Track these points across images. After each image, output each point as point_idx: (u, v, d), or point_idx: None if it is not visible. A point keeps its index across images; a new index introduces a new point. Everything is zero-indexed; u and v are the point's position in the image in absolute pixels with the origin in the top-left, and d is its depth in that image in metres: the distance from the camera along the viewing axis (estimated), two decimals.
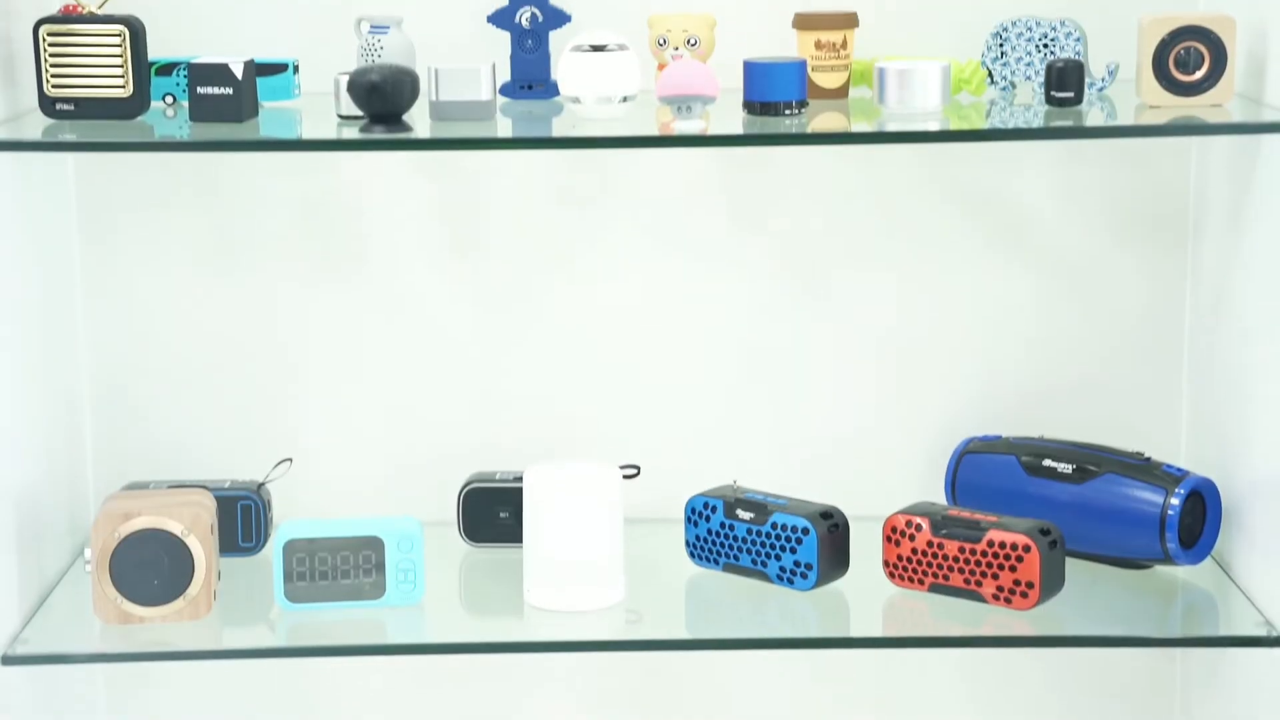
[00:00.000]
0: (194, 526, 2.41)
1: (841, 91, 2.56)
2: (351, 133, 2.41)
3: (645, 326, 2.77)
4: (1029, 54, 2.53)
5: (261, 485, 2.63)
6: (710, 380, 2.78)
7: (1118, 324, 2.75)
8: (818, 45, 2.54)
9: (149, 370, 2.76)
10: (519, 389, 2.78)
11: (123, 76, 2.41)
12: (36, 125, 2.42)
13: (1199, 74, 2.41)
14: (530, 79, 2.57)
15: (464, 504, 2.67)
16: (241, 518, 2.61)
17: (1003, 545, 2.43)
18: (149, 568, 2.40)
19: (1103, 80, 2.52)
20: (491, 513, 2.67)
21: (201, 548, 2.42)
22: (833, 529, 2.51)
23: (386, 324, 2.76)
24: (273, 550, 2.48)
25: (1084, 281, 2.75)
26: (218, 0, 2.65)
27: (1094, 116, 2.46)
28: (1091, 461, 2.56)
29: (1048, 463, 2.58)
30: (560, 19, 2.56)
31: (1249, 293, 2.50)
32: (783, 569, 2.52)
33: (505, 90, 2.57)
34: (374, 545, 2.48)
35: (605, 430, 2.77)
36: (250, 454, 2.73)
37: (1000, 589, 2.43)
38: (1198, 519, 2.52)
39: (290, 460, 2.67)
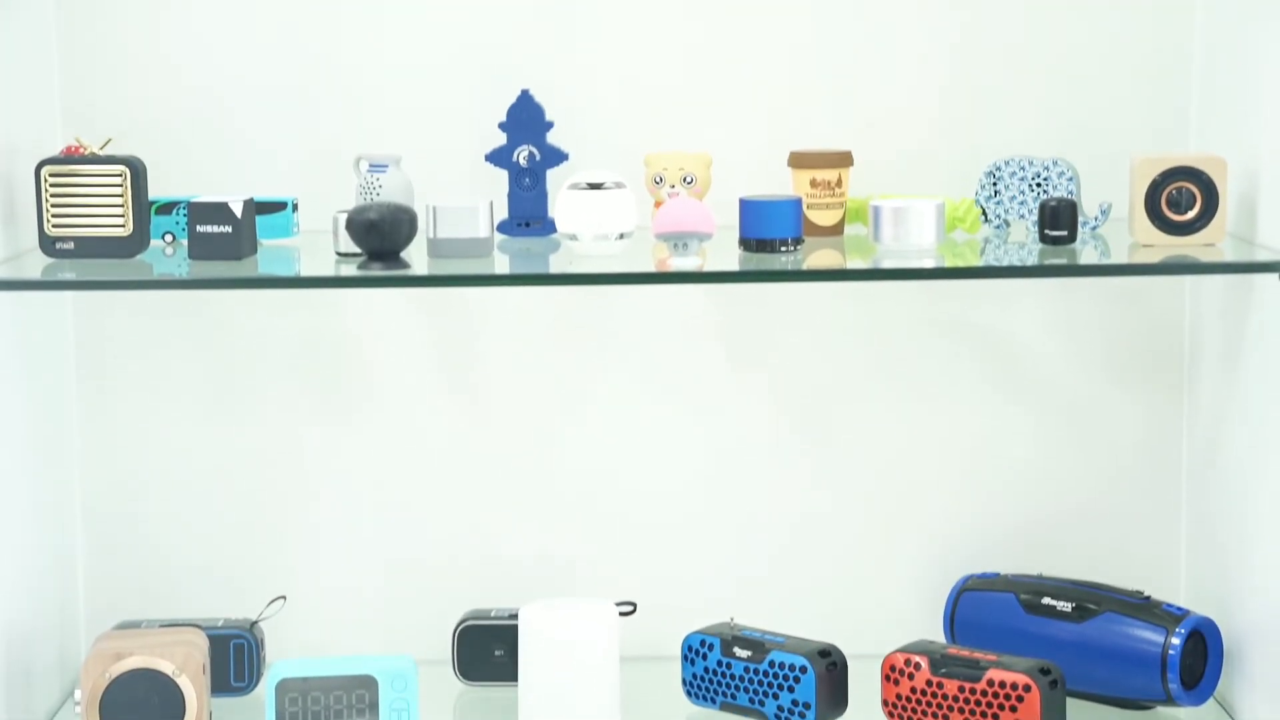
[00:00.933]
0: (186, 666, 2.39)
1: (837, 229, 2.58)
2: (350, 270, 2.42)
3: (641, 463, 2.77)
4: (1022, 193, 2.55)
5: (254, 624, 2.62)
6: (707, 517, 2.77)
7: (1115, 460, 2.75)
8: (813, 183, 2.56)
9: (143, 507, 2.75)
10: (514, 526, 2.77)
11: (123, 216, 2.42)
12: (36, 264, 2.43)
13: (1191, 214, 2.43)
14: (528, 216, 2.59)
15: (459, 642, 2.65)
16: (234, 657, 2.59)
17: (1003, 685, 2.41)
18: (140, 709, 2.38)
19: (1096, 219, 2.54)
20: (487, 651, 2.65)
21: (193, 687, 2.39)
22: (831, 667, 2.49)
23: (382, 461, 2.76)
24: (265, 690, 2.46)
25: (1081, 417, 2.75)
26: (218, 139, 2.67)
27: (1088, 255, 2.48)
28: (1091, 600, 2.54)
29: (1047, 601, 2.57)
30: (558, 157, 2.58)
31: (1245, 429, 2.50)
32: (781, 708, 2.50)
33: (503, 227, 2.59)
34: (367, 684, 2.46)
35: (601, 567, 2.76)
36: (244, 591, 2.71)
37: None
38: (1199, 659, 2.51)
39: (284, 598, 2.66)
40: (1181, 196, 2.42)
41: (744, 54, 2.69)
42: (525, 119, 2.58)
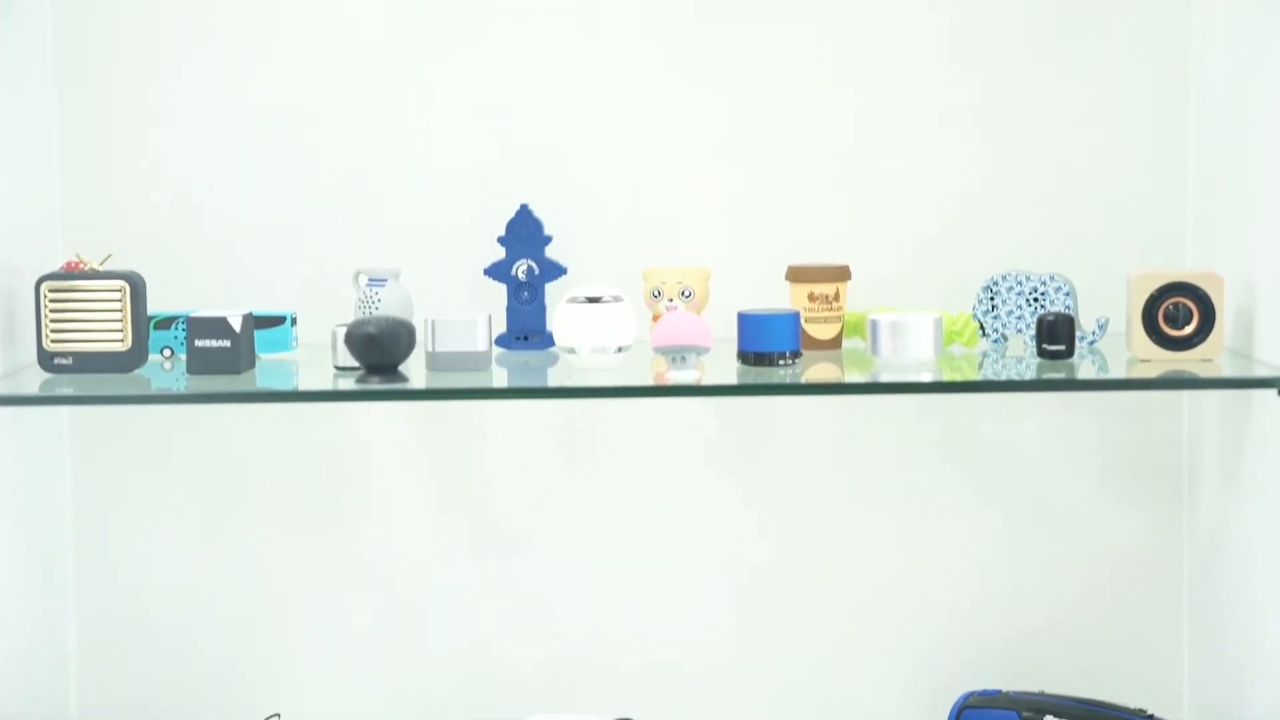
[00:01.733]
0: None
1: (835, 342, 2.58)
2: (348, 384, 2.42)
3: (640, 576, 2.75)
4: (1020, 307, 2.55)
5: None
6: (706, 631, 2.76)
7: (1116, 574, 2.74)
8: (811, 297, 2.56)
9: (138, 624, 2.74)
10: (512, 642, 2.75)
11: (121, 331, 2.43)
12: (34, 380, 2.43)
13: (1188, 329, 2.43)
14: (526, 330, 2.60)
15: None
16: None
17: None
18: None
19: (1093, 334, 2.54)
20: None
21: None
22: None
23: (378, 574, 2.75)
24: None
25: (1081, 531, 2.74)
26: (218, 254, 2.69)
27: (1086, 370, 2.48)
28: (1093, 719, 2.52)
29: (1049, 719, 2.55)
30: (556, 271, 2.59)
31: (1246, 544, 2.49)
32: None
33: (501, 341, 2.59)
34: None
35: (600, 683, 2.74)
36: (239, 704, 2.69)
37: None
38: None
39: (279, 716, 2.64)
40: (1179, 312, 2.42)
41: (742, 169, 2.70)
42: (524, 233, 2.59)
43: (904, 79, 2.69)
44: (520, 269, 2.59)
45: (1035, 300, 2.55)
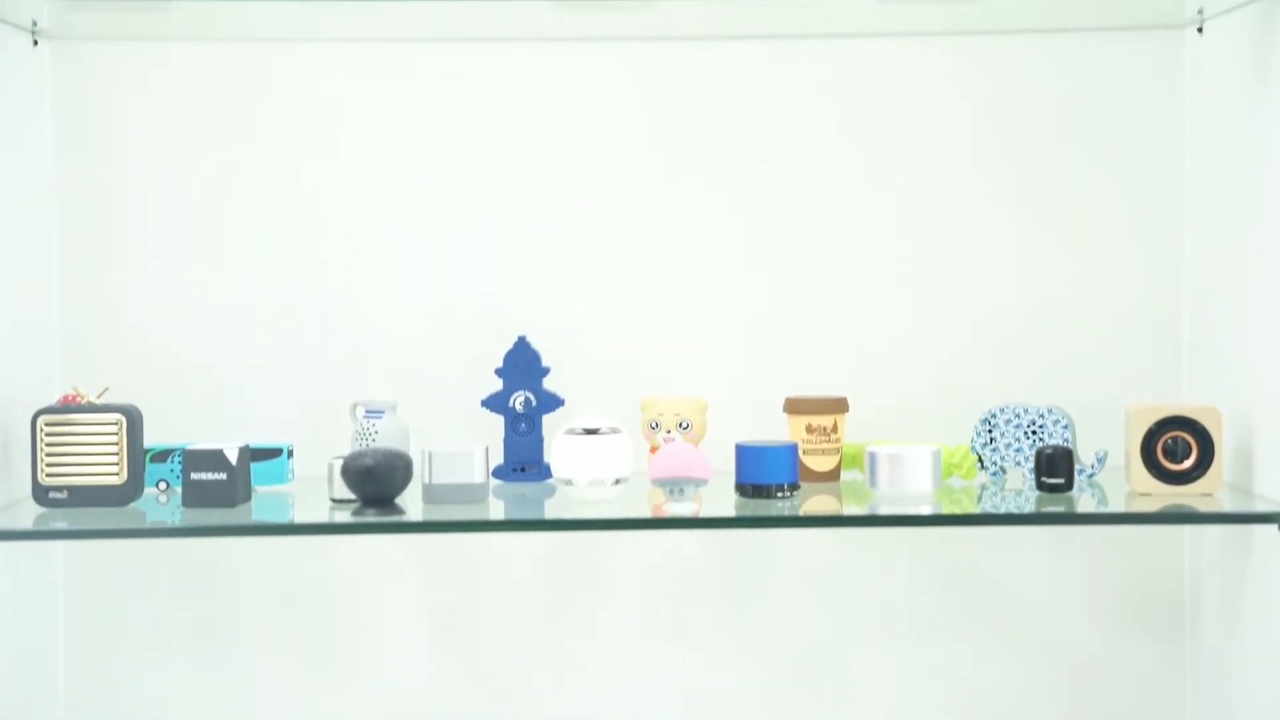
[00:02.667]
0: None
1: (833, 474, 2.57)
2: (344, 516, 2.41)
3: (638, 709, 2.73)
4: (1018, 440, 2.55)
5: None
6: None
7: (1117, 709, 2.71)
8: (809, 429, 2.56)
9: None
10: None
11: (117, 464, 2.42)
12: (28, 514, 2.42)
13: (1187, 463, 2.42)
14: (523, 461, 2.59)
15: None
16: None
17: None
18: None
19: (1092, 467, 2.54)
20: None
21: None
22: None
23: (374, 708, 2.72)
24: None
25: (1082, 668, 2.72)
26: (216, 385, 2.69)
27: (1085, 503, 2.47)
28: None
29: None
30: (554, 403, 2.59)
31: (1249, 679, 2.47)
32: None
33: (498, 473, 2.58)
34: None
35: None
36: None
37: None
38: None
39: None
40: (1177, 446, 2.42)
41: (739, 301, 2.71)
42: (522, 365, 2.59)
43: (901, 215, 2.71)
44: (518, 400, 2.59)
45: (1033, 433, 2.54)
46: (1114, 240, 2.70)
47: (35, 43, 2.64)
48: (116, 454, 2.42)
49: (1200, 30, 2.63)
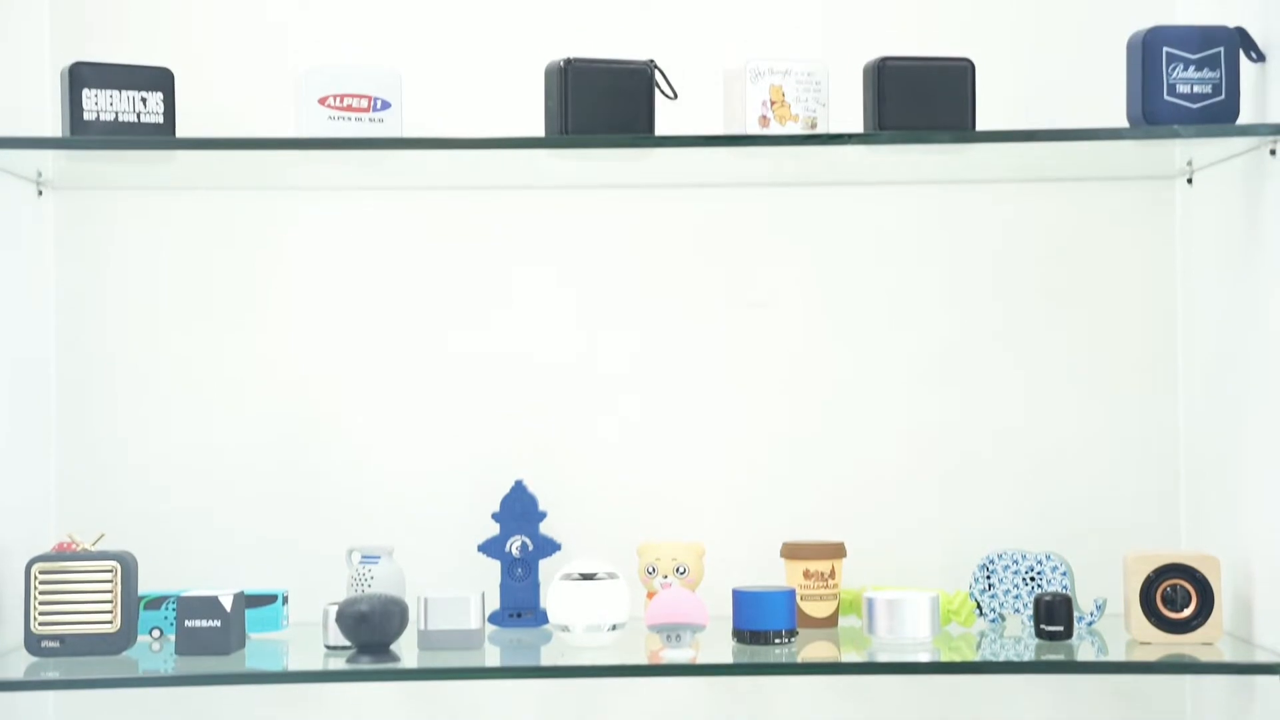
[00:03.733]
0: None
1: (831, 620, 2.56)
2: (339, 663, 2.40)
3: None
4: (1016, 586, 2.54)
5: None
6: None
7: None
8: (806, 574, 2.55)
9: None
10: None
11: (111, 612, 2.40)
12: (20, 663, 2.40)
13: (1187, 611, 2.41)
14: (520, 607, 2.57)
15: None
16: None
17: None
18: None
19: (1091, 615, 2.52)
20: None
21: None
22: None
23: None
24: None
25: None
26: (212, 531, 2.68)
27: (1084, 651, 2.45)
28: None
29: None
30: (550, 548, 2.58)
31: None
32: None
33: (494, 618, 2.57)
34: None
35: None
36: None
37: None
38: None
39: None
40: (1176, 594, 2.41)
41: (736, 444, 2.71)
42: (518, 509, 2.58)
43: (898, 358, 2.72)
44: (514, 545, 2.58)
45: (1032, 579, 2.53)
46: (1110, 386, 2.71)
47: (40, 193, 2.66)
48: (110, 602, 2.40)
49: (1190, 181, 2.66)
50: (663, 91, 2.44)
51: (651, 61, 2.43)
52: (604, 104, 2.40)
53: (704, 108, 2.48)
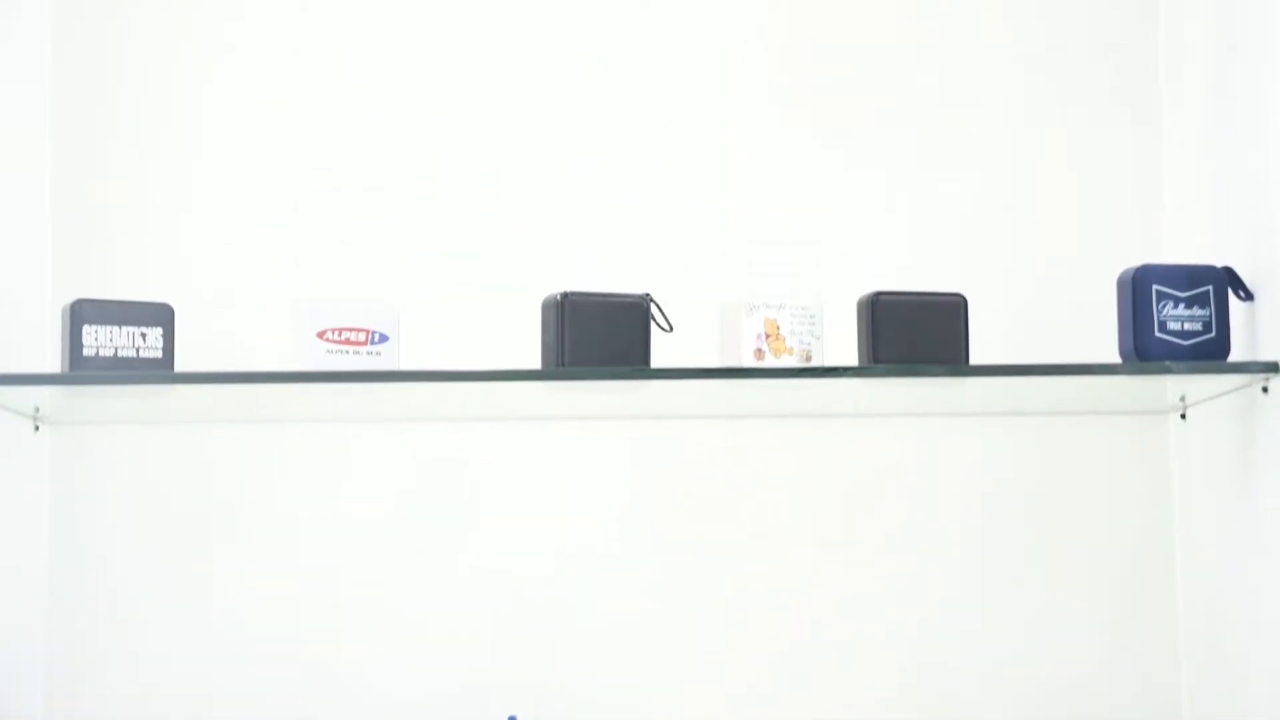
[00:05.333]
0: None
1: None
2: None
3: None
4: None
5: None
6: None
7: None
8: None
9: None
10: None
11: None
12: None
13: None
14: None
15: None
16: None
17: None
18: None
19: None
20: None
21: None
22: None
23: None
24: None
25: None
26: None
27: None
28: None
29: None
30: None
31: None
32: None
33: None
34: None
35: None
36: None
37: None
38: None
39: None
40: None
41: (728, 675, 2.68)
42: None
43: (892, 591, 2.71)
44: None
45: None
46: (1107, 624, 2.70)
47: (36, 428, 2.67)
48: None
49: (1184, 416, 2.67)
50: (659, 325, 2.46)
51: (648, 295, 2.46)
52: (600, 337, 2.43)
53: (699, 340, 2.51)
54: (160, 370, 2.45)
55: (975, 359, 2.46)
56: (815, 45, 2.77)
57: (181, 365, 2.47)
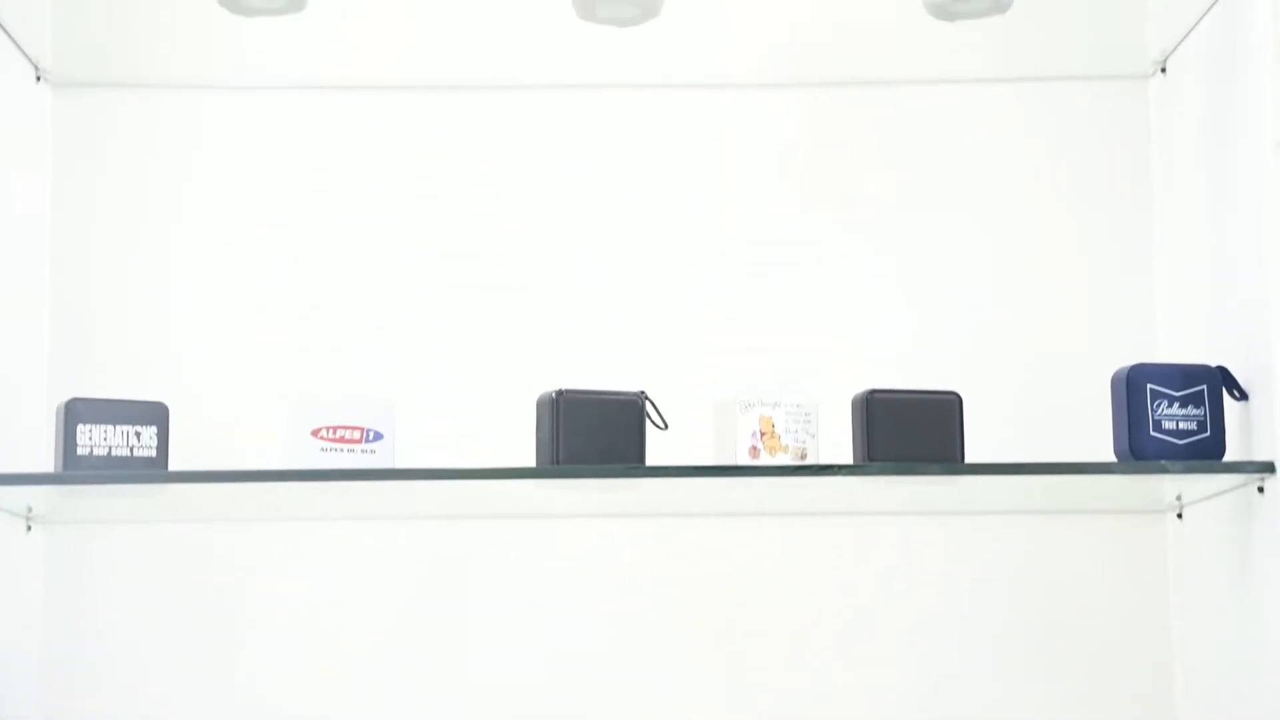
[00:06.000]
0: None
1: None
2: None
3: None
4: None
5: None
6: None
7: None
8: None
9: None
10: None
11: None
12: None
13: None
14: None
15: None
16: None
17: None
18: None
19: None
20: None
21: None
22: None
23: None
24: None
25: None
26: None
27: None
28: None
29: None
30: None
31: None
32: None
33: None
34: None
35: None
36: None
37: None
38: None
39: None
40: None
41: None
42: None
43: (887, 691, 2.69)
44: None
45: None
46: (1104, 695, 2.68)
47: (29, 528, 2.66)
48: None
49: (1180, 516, 2.67)
50: (654, 422, 2.46)
51: (643, 393, 2.46)
52: (596, 435, 2.42)
53: (695, 437, 2.50)
54: (154, 469, 2.44)
55: (971, 457, 2.46)
56: (817, 143, 2.79)
57: (176, 463, 2.46)
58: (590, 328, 2.74)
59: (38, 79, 2.71)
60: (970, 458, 2.45)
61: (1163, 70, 2.73)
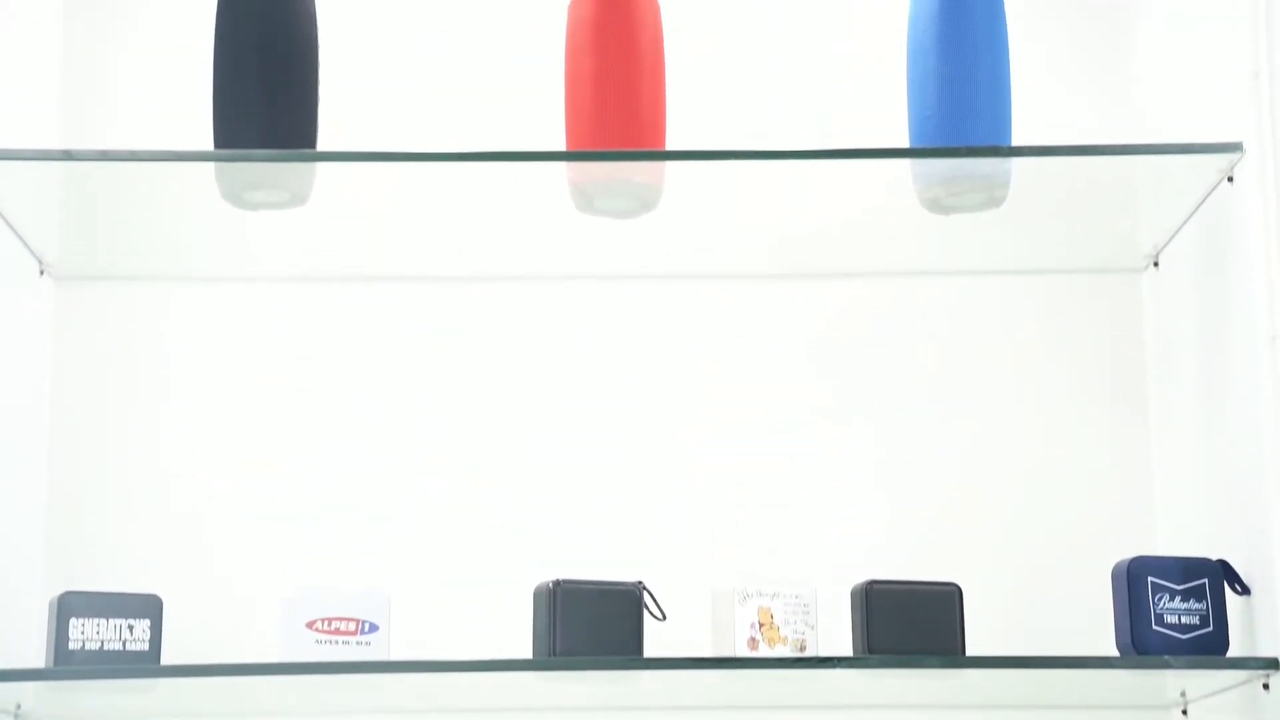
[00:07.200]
0: None
1: None
2: None
3: None
4: None
5: None
6: None
7: None
8: None
9: None
10: None
11: None
12: None
13: None
14: None
15: None
16: None
17: None
18: None
19: None
20: None
21: None
22: None
23: None
24: None
25: None
26: None
27: None
28: None
29: None
30: None
31: None
32: None
33: None
34: None
35: None
36: None
37: None
38: None
39: None
40: None
41: None
42: None
43: None
44: None
45: None
46: None
47: None
48: None
49: (1185, 712, 2.63)
50: (651, 613, 2.44)
51: (640, 583, 2.44)
52: (593, 626, 2.40)
53: (692, 627, 2.48)
54: (145, 664, 2.41)
55: (972, 650, 2.43)
56: (811, 335, 2.81)
57: (169, 657, 2.44)
58: (587, 517, 2.72)
59: (41, 273, 2.74)
60: (971, 650, 2.43)
61: (1155, 264, 2.76)
